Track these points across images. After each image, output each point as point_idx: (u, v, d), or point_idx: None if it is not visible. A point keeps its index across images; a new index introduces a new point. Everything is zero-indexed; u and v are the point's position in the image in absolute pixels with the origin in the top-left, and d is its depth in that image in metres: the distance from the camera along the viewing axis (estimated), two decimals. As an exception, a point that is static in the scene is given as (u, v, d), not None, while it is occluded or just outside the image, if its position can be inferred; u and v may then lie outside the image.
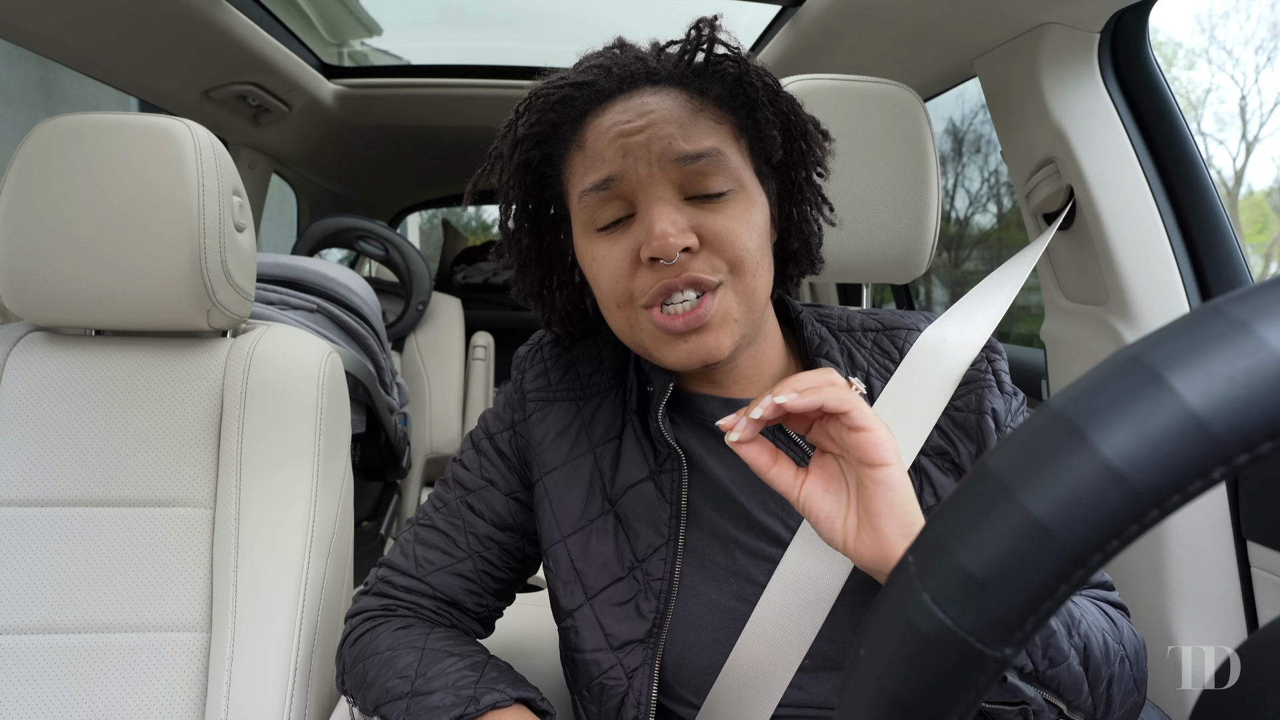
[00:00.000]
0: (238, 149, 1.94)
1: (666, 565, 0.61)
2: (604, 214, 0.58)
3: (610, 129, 0.57)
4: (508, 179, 0.62)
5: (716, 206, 0.57)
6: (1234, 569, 0.88)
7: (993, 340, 0.67)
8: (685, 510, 0.62)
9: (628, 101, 0.58)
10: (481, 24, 2.08)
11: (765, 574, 0.60)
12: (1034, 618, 0.22)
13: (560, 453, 0.67)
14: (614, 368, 0.70)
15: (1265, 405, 0.20)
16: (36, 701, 0.75)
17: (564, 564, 0.64)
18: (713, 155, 0.57)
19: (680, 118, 0.57)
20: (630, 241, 0.57)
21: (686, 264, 0.56)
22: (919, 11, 1.05)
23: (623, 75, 0.58)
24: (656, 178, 0.56)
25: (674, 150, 0.56)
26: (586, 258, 0.60)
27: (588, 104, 0.59)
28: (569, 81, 0.59)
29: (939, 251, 1.29)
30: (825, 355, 0.65)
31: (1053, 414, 0.23)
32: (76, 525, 0.80)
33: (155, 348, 0.87)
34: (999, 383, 0.65)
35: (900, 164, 0.90)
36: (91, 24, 1.22)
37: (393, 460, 1.90)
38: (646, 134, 0.56)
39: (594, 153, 0.58)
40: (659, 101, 0.57)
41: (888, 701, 0.24)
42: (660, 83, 0.58)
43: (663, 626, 0.60)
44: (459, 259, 3.12)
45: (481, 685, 0.59)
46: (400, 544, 0.72)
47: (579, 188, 0.59)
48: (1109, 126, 0.96)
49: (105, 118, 0.81)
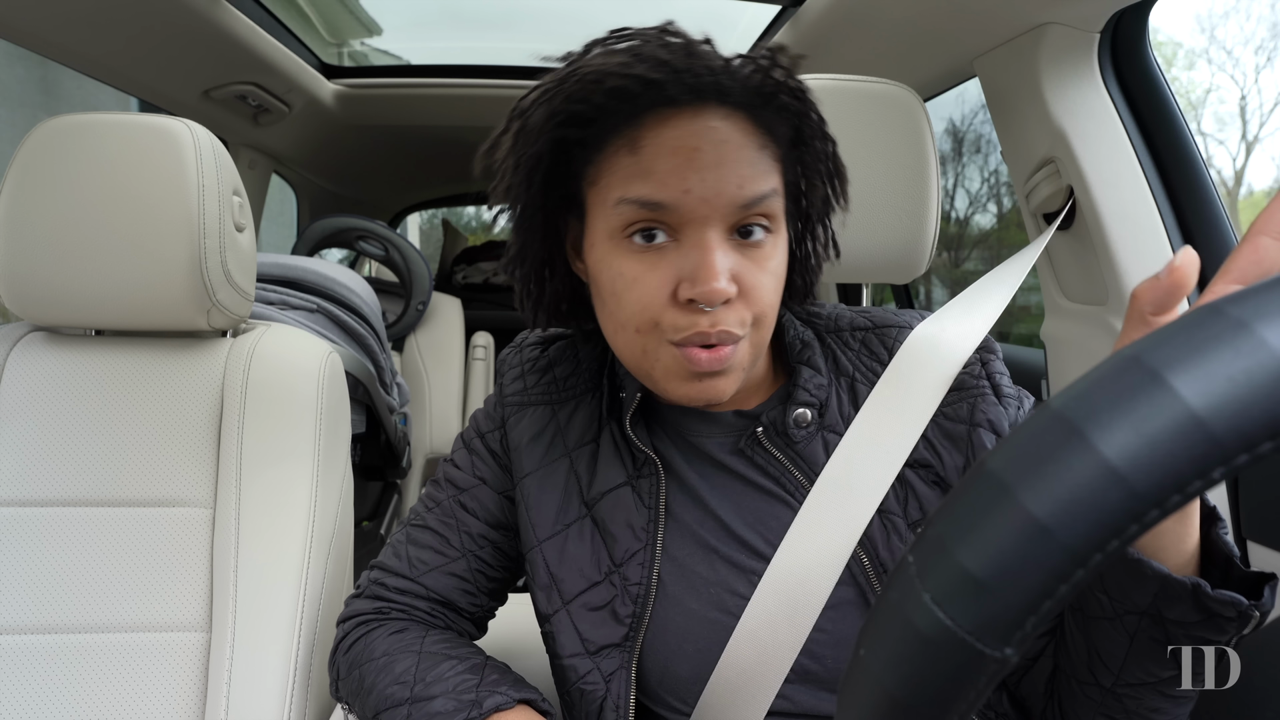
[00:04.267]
0: (238, 149, 1.94)
1: (644, 570, 0.60)
2: (639, 227, 0.53)
3: (677, 148, 0.52)
4: (532, 151, 0.55)
5: (753, 253, 0.54)
6: (1234, 569, 0.88)
7: (988, 339, 0.63)
8: (664, 514, 0.61)
9: (696, 119, 0.52)
10: (481, 24, 2.08)
11: (746, 586, 0.58)
12: (1034, 618, 0.22)
13: (535, 456, 0.66)
14: (592, 370, 0.68)
15: (1265, 405, 0.20)
16: (36, 701, 0.75)
17: (541, 569, 0.63)
18: (771, 197, 0.54)
19: (750, 155, 0.53)
20: (669, 272, 0.53)
21: (720, 316, 0.52)
22: (919, 11, 1.05)
23: (693, 85, 0.52)
24: (713, 217, 0.52)
25: (740, 191, 0.52)
26: (609, 268, 0.55)
27: (650, 105, 0.53)
28: (633, 74, 0.51)
29: (939, 251, 1.29)
30: (806, 362, 0.63)
31: (1053, 414, 0.23)
32: (76, 525, 0.80)
33: (155, 348, 0.87)
34: (995, 388, 0.60)
35: (900, 164, 0.90)
36: (92, 24, 1.22)
37: (393, 460, 1.90)
38: (716, 169, 0.52)
39: (650, 166, 0.52)
40: (730, 131, 0.53)
41: (888, 701, 0.24)
42: (729, 104, 0.53)
43: (639, 630, 0.59)
44: (459, 259, 3.12)
45: (483, 688, 0.59)
46: (392, 545, 0.71)
47: (619, 192, 0.53)
48: (1109, 126, 0.96)
49: (105, 118, 0.81)
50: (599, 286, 0.58)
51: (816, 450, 0.61)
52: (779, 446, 0.61)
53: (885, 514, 0.58)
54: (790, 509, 0.60)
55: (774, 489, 0.61)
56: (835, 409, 0.62)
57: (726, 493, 0.61)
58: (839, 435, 0.61)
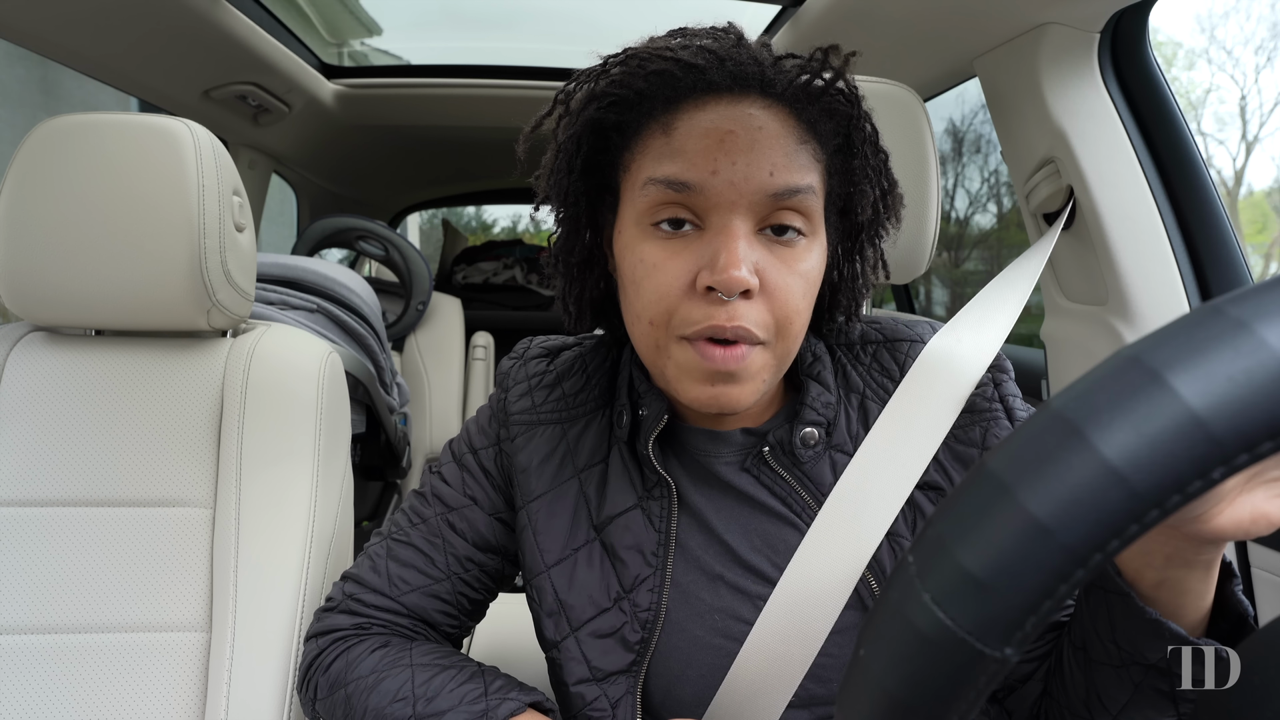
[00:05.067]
0: (238, 149, 1.94)
1: (654, 595, 0.59)
2: (664, 211, 0.52)
3: (710, 130, 0.51)
4: (571, 135, 0.55)
5: (783, 252, 0.52)
6: (1234, 569, 0.88)
7: (1000, 358, 0.61)
8: (675, 539, 0.60)
9: (735, 106, 0.51)
10: (482, 24, 2.08)
11: (751, 611, 0.57)
12: (1034, 618, 0.22)
13: (545, 479, 0.63)
14: (602, 386, 0.66)
15: (1265, 405, 0.20)
16: (36, 701, 0.75)
17: (549, 596, 0.61)
18: (806, 193, 0.52)
19: (787, 146, 0.51)
20: (689, 260, 0.51)
21: (738, 311, 0.50)
22: (919, 11, 1.05)
23: (736, 72, 0.51)
24: (739, 203, 0.50)
25: (771, 180, 0.50)
26: (632, 254, 0.54)
27: (690, 89, 0.52)
28: (676, 58, 0.51)
29: (939, 251, 1.29)
30: (815, 378, 0.60)
31: (1053, 414, 0.23)
32: (76, 525, 0.80)
33: (155, 348, 0.87)
34: (1008, 411, 0.59)
35: (900, 164, 0.89)
36: (92, 25, 1.22)
37: (393, 460, 1.90)
38: (749, 153, 0.50)
39: (681, 146, 0.51)
40: (768, 119, 0.51)
41: (888, 701, 0.24)
42: (772, 96, 0.52)
43: (645, 655, 0.58)
44: (459, 259, 3.12)
45: (492, 696, 0.57)
46: (370, 558, 0.68)
47: (648, 172, 0.52)
48: (1109, 126, 0.96)
49: (105, 118, 0.80)
50: (622, 276, 0.56)
51: (824, 471, 0.59)
52: (785, 466, 0.59)
53: (894, 537, 0.57)
54: (798, 531, 0.58)
55: (781, 510, 0.59)
56: (844, 428, 0.61)
57: (734, 516, 0.60)
58: (847, 455, 0.59)
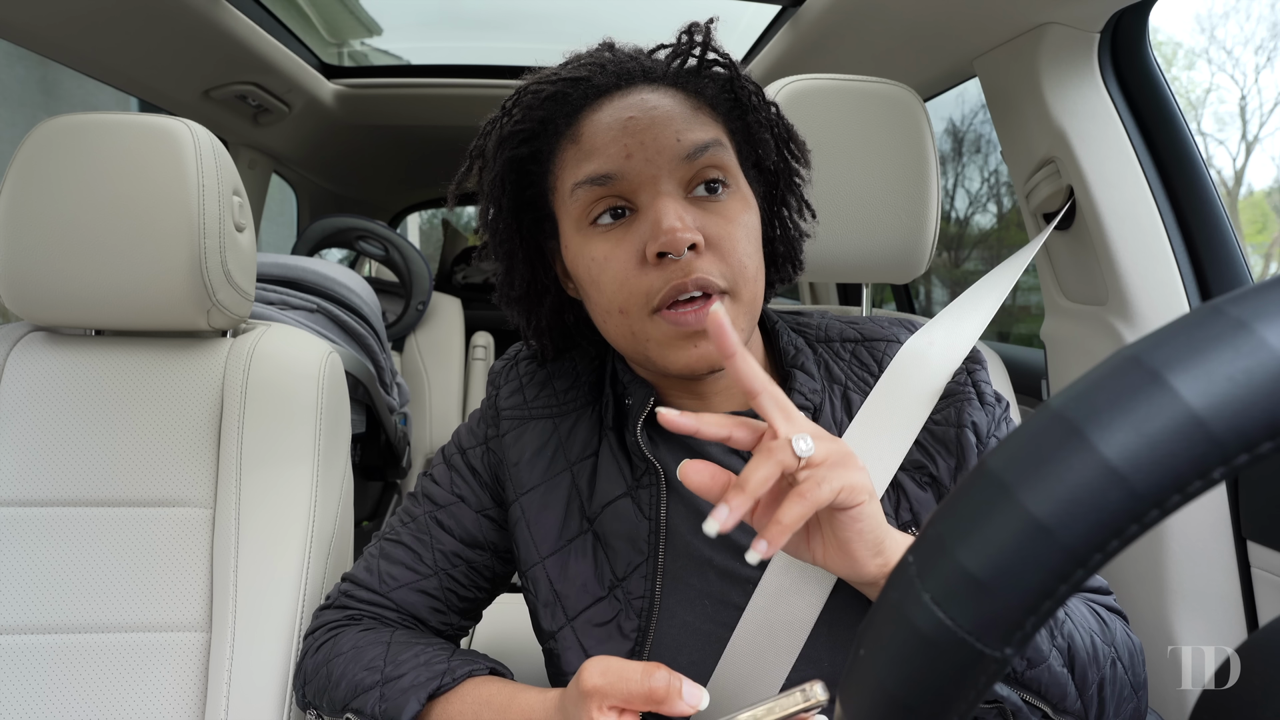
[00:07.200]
0: (238, 149, 1.94)
1: (647, 583, 0.60)
2: (598, 207, 0.56)
3: (611, 123, 0.55)
4: (492, 178, 0.60)
5: (717, 207, 0.56)
6: (1234, 569, 0.88)
7: (975, 351, 0.66)
8: (665, 526, 0.61)
9: (626, 97, 0.56)
10: (481, 24, 2.08)
11: (741, 596, 0.58)
12: (1034, 618, 0.22)
13: (537, 472, 0.65)
14: (591, 383, 0.69)
15: (1265, 405, 0.20)
16: (36, 701, 0.75)
17: (543, 586, 0.63)
18: (715, 146, 0.56)
19: (682, 113, 0.56)
20: (634, 241, 0.55)
21: (693, 264, 0.54)
22: (919, 11, 1.05)
23: (618, 72, 0.57)
24: (660, 175, 0.55)
25: (680, 144, 0.55)
26: (583, 258, 0.58)
27: (583, 99, 0.57)
28: (561, 77, 0.57)
29: (939, 251, 1.29)
30: (800, 367, 0.64)
31: (1053, 414, 0.23)
32: (76, 525, 0.80)
33: (155, 348, 0.87)
34: (979, 394, 0.63)
35: (900, 164, 0.90)
36: (91, 24, 1.21)
37: (393, 460, 1.90)
38: (651, 129, 0.55)
39: (591, 146, 0.56)
40: (659, 99, 0.56)
41: (888, 701, 0.24)
42: (656, 81, 0.58)
43: (644, 644, 0.59)
44: (459, 259, 3.13)
45: (455, 660, 0.60)
46: (365, 558, 0.71)
47: (571, 180, 0.57)
48: (1109, 126, 0.96)
49: (105, 118, 0.80)
50: (581, 283, 0.60)
51: None
52: None
53: None
54: None
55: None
56: (829, 414, 0.63)
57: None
58: None
